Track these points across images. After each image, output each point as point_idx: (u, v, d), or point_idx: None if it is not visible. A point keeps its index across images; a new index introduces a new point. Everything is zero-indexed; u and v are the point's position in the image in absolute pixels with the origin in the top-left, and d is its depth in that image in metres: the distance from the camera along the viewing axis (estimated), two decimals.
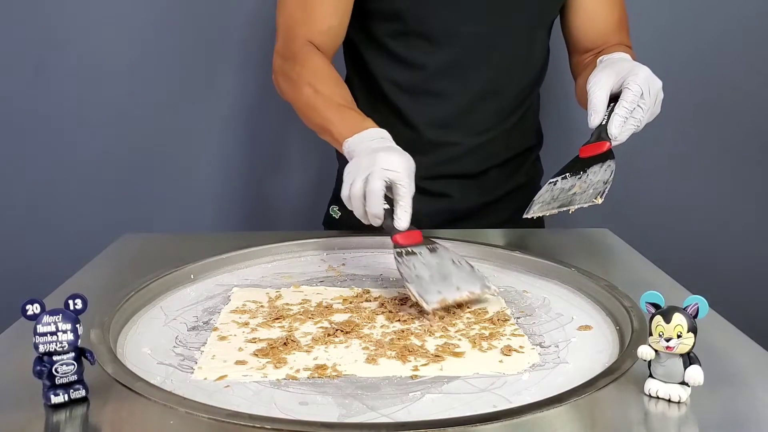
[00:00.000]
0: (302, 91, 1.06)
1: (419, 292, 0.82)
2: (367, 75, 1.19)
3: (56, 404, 0.59)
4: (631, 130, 0.96)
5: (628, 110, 0.94)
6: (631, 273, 0.95)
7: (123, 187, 1.66)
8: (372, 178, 0.87)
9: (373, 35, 1.16)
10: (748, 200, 1.70)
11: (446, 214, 1.20)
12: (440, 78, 1.14)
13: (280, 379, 0.67)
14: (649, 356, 0.61)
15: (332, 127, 1.01)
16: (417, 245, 0.88)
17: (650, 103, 0.96)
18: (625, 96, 0.94)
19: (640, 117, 0.95)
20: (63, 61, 1.59)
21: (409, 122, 1.17)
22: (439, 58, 1.13)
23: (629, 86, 0.94)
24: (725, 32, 1.63)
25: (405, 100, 1.16)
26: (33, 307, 0.58)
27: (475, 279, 0.87)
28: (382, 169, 0.87)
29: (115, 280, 0.89)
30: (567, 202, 0.92)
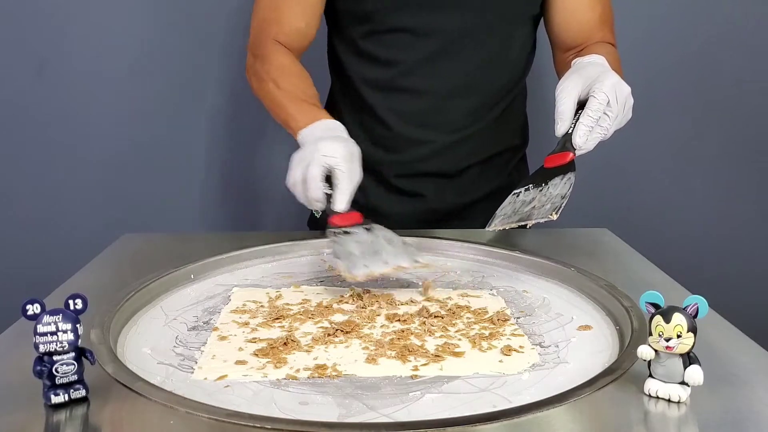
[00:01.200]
0: (267, 87, 1.10)
1: (347, 266, 0.86)
2: (343, 74, 1.20)
3: (56, 404, 0.59)
4: (597, 138, 0.94)
5: (593, 119, 0.92)
6: (631, 273, 0.95)
7: (123, 187, 1.66)
8: (311, 164, 0.92)
9: (346, 35, 1.17)
10: (748, 200, 1.70)
11: (421, 214, 1.20)
12: (412, 75, 1.14)
13: (280, 379, 0.67)
14: (649, 356, 0.61)
15: (290, 120, 1.05)
16: (353, 226, 0.92)
17: (618, 111, 0.94)
18: (591, 105, 0.92)
19: (607, 125, 0.93)
20: (63, 62, 1.59)
21: (383, 120, 1.17)
22: (410, 55, 1.13)
23: (595, 94, 0.92)
24: (725, 32, 1.63)
25: (378, 98, 1.16)
26: (33, 307, 0.58)
27: (405, 254, 0.90)
28: (321, 155, 0.92)
29: (115, 280, 0.89)
30: (525, 217, 0.90)
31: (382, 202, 1.20)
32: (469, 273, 0.98)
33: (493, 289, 0.91)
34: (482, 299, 0.88)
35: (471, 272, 0.98)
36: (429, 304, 0.86)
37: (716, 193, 1.70)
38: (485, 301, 0.88)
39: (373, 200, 1.20)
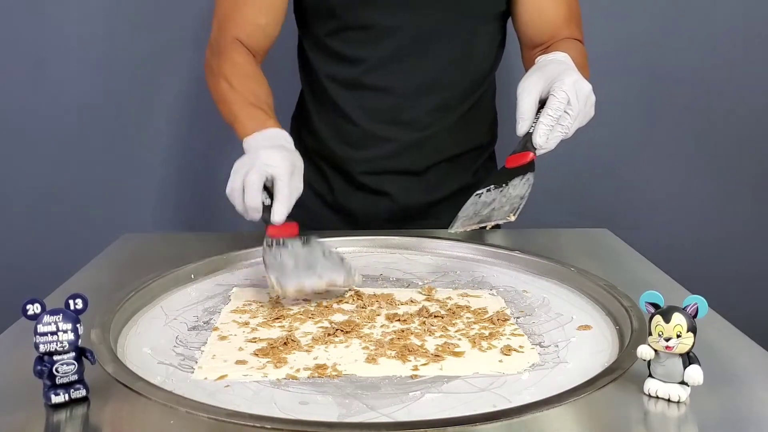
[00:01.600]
0: (219, 85, 1.08)
1: (278, 278, 0.84)
2: (311, 72, 1.19)
3: (56, 404, 0.59)
4: (558, 137, 0.92)
5: (553, 118, 0.91)
6: (631, 273, 0.95)
7: (122, 187, 1.66)
8: (251, 172, 0.89)
9: (312, 32, 1.16)
10: (748, 200, 1.71)
11: (387, 212, 1.19)
12: (377, 72, 1.14)
13: (280, 378, 0.67)
14: (649, 356, 0.61)
15: (237, 124, 1.02)
16: (290, 238, 0.90)
17: (579, 109, 0.92)
18: (550, 104, 0.91)
19: (568, 124, 0.92)
20: (63, 60, 1.59)
21: (349, 117, 1.16)
22: (375, 52, 1.13)
23: (554, 93, 0.91)
24: (724, 33, 1.63)
25: (345, 96, 1.16)
26: (33, 307, 0.58)
27: (341, 269, 0.88)
28: (262, 164, 0.90)
29: (115, 280, 0.89)
30: (486, 218, 0.89)
31: (348, 200, 1.20)
32: (469, 273, 0.98)
33: (493, 289, 0.91)
34: (482, 299, 0.88)
35: (471, 272, 0.98)
36: (429, 304, 0.86)
37: (716, 193, 1.70)
38: (485, 301, 0.88)
39: (340, 198, 1.20)
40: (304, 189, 1.23)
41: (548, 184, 1.69)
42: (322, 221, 1.22)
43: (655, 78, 1.65)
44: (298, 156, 0.95)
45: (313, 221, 1.22)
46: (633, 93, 1.66)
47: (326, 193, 1.22)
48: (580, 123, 0.94)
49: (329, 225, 1.21)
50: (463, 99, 1.18)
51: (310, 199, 1.23)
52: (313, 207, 1.23)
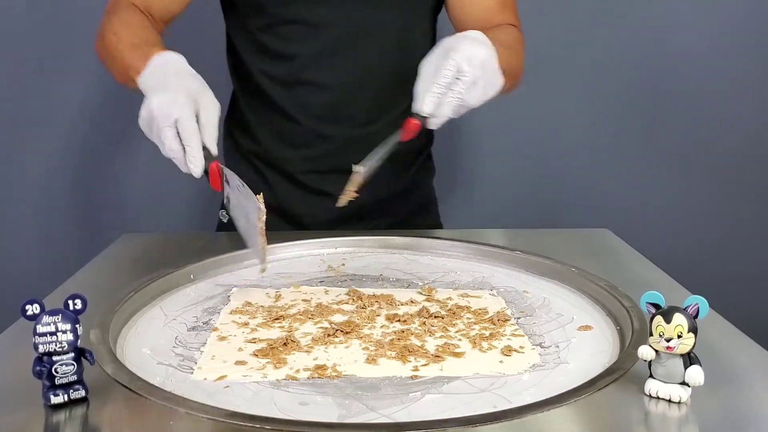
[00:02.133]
0: (106, 40, 1.04)
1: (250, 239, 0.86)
2: (245, 72, 1.17)
3: (56, 404, 0.59)
4: (451, 104, 0.88)
5: (440, 86, 0.87)
6: (631, 273, 0.95)
7: (123, 187, 1.66)
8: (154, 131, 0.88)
9: (242, 26, 1.15)
10: (748, 200, 1.70)
11: (328, 213, 1.16)
12: (311, 69, 1.12)
13: (280, 379, 0.67)
14: (650, 356, 0.61)
15: (130, 70, 0.97)
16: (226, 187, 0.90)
17: (474, 75, 0.88)
18: (438, 73, 0.88)
19: (460, 89, 0.88)
20: (64, 60, 1.59)
21: (289, 115, 1.15)
22: (308, 48, 1.11)
23: (444, 62, 0.88)
24: (723, 32, 1.63)
25: (282, 93, 1.15)
26: (33, 307, 0.58)
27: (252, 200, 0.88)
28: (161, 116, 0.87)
29: (115, 280, 0.89)
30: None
31: (289, 201, 1.19)
32: (469, 273, 0.98)
33: (494, 290, 0.91)
34: (482, 299, 0.88)
35: (471, 272, 0.98)
36: (429, 305, 0.85)
37: (716, 193, 1.70)
38: (485, 301, 0.88)
39: (281, 198, 1.18)
40: None
41: (548, 184, 1.70)
42: (266, 225, 1.20)
43: (656, 78, 1.65)
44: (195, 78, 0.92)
45: None
46: (633, 93, 1.66)
47: (268, 196, 1.20)
48: (484, 91, 0.91)
49: (273, 228, 1.18)
50: (399, 95, 1.13)
51: None
52: None
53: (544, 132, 1.68)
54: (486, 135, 1.68)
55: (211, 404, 0.60)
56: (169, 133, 0.87)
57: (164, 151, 0.89)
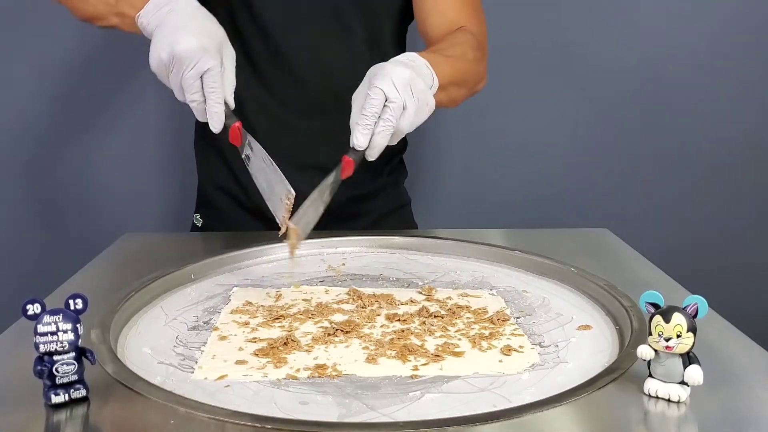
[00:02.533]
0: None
1: (274, 208, 0.85)
2: None
3: (57, 404, 0.59)
4: (386, 133, 0.86)
5: (368, 117, 0.85)
6: (631, 273, 0.95)
7: (123, 187, 1.66)
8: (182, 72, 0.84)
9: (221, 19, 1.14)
10: (748, 200, 1.70)
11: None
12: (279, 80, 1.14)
13: (281, 378, 0.67)
14: (649, 356, 0.61)
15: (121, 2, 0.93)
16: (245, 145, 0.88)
17: (402, 99, 0.85)
18: (365, 104, 0.86)
19: (390, 117, 0.85)
20: (63, 60, 1.59)
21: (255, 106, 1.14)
22: (276, 69, 1.12)
23: (369, 92, 0.86)
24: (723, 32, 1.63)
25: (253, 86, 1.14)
26: (33, 307, 0.58)
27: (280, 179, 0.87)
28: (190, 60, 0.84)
29: (115, 280, 0.89)
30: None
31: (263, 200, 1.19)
32: (469, 273, 0.98)
33: (493, 289, 0.91)
34: (482, 299, 0.88)
35: (471, 272, 0.98)
36: (429, 304, 0.86)
37: (716, 193, 1.70)
38: (485, 300, 0.88)
39: (256, 198, 1.17)
40: (217, 194, 1.19)
41: (548, 184, 1.69)
42: (238, 225, 1.20)
43: (656, 78, 1.65)
44: (212, 20, 0.89)
45: (228, 226, 1.20)
46: (633, 93, 1.66)
47: (240, 193, 1.20)
48: (416, 115, 0.88)
49: (246, 228, 1.19)
50: None
51: (222, 201, 1.22)
52: (227, 209, 1.21)
53: (544, 132, 1.68)
54: (486, 135, 1.68)
55: (211, 404, 0.60)
56: (195, 83, 0.85)
57: (182, 98, 0.87)
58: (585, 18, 1.63)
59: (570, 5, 1.62)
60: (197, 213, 1.26)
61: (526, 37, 1.63)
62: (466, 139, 1.68)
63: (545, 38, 1.63)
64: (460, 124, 1.65)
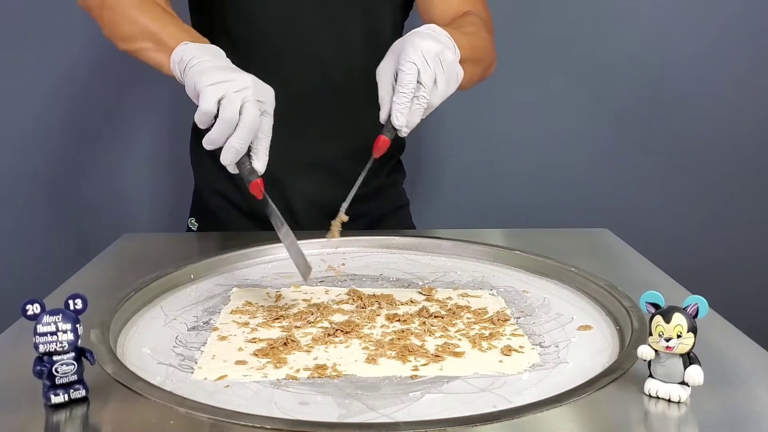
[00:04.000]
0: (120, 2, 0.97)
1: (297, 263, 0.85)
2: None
3: (56, 404, 0.59)
4: (419, 111, 0.87)
5: (406, 95, 0.85)
6: (631, 273, 0.95)
7: (122, 187, 1.66)
8: (246, 104, 0.81)
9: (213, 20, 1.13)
10: (749, 200, 1.71)
11: (305, 211, 1.17)
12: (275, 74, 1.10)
13: (280, 379, 0.67)
14: (649, 356, 0.61)
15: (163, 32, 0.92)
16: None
17: (433, 74, 0.86)
18: (401, 80, 0.85)
19: (424, 94, 0.86)
20: (63, 59, 1.59)
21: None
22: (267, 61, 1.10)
23: (402, 67, 0.85)
24: (723, 32, 1.63)
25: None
26: (33, 307, 0.58)
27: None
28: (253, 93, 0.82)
29: (115, 280, 0.89)
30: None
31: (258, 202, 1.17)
32: (469, 273, 0.98)
33: (493, 289, 0.91)
34: (482, 299, 0.88)
35: (471, 272, 0.98)
36: (429, 304, 0.85)
37: (717, 193, 1.70)
38: (485, 301, 0.88)
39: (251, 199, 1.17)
40: (213, 197, 1.18)
41: (549, 184, 1.70)
42: (234, 228, 1.19)
43: (656, 78, 1.65)
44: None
45: (223, 229, 1.19)
46: (633, 92, 1.66)
47: (236, 197, 1.19)
48: (445, 88, 0.89)
49: (243, 229, 1.18)
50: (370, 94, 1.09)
51: (218, 204, 1.20)
52: (223, 213, 1.20)
53: (544, 132, 1.68)
54: (485, 135, 1.68)
55: (211, 404, 0.60)
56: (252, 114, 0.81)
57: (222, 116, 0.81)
58: (586, 17, 1.63)
59: (570, 4, 1.62)
60: (192, 217, 1.26)
61: (526, 36, 1.63)
62: (465, 139, 1.68)
63: (545, 38, 1.63)
64: (460, 124, 1.65)
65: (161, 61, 0.92)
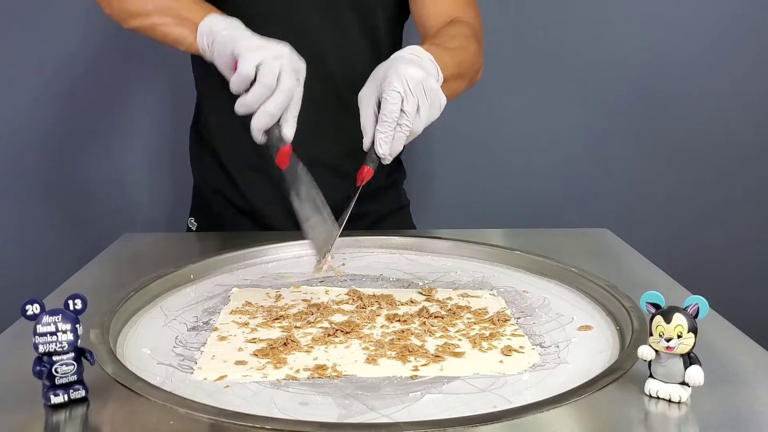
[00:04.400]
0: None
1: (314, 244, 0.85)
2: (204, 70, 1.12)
3: (56, 404, 0.59)
4: (402, 139, 0.86)
5: (389, 124, 0.85)
6: (631, 273, 0.95)
7: (123, 187, 1.66)
8: (284, 70, 0.81)
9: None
10: (748, 200, 1.71)
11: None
12: None
13: (280, 379, 0.67)
14: (650, 356, 0.61)
15: (181, 8, 0.92)
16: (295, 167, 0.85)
17: (415, 103, 0.85)
18: (384, 110, 0.84)
19: (407, 122, 0.85)
20: (62, 60, 1.59)
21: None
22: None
23: (386, 96, 0.84)
24: (723, 32, 1.63)
25: None
26: (33, 307, 0.58)
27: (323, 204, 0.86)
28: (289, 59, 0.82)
29: (115, 280, 0.89)
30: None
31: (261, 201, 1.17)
32: (469, 273, 0.98)
33: (494, 290, 0.91)
34: (482, 299, 0.88)
35: (471, 272, 0.98)
36: (429, 305, 0.85)
37: (717, 192, 1.70)
38: (485, 301, 0.88)
39: (252, 199, 1.17)
40: (212, 197, 1.17)
41: (549, 184, 1.70)
42: (234, 228, 1.19)
43: (656, 78, 1.65)
44: None
45: (223, 229, 1.18)
46: (634, 92, 1.66)
47: (236, 197, 1.18)
48: (427, 116, 0.88)
49: (243, 229, 1.18)
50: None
51: (218, 204, 1.20)
52: (223, 213, 1.20)
53: (544, 132, 1.68)
54: (485, 135, 1.68)
55: (211, 404, 0.60)
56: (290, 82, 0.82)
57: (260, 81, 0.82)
58: (587, 17, 1.63)
59: (570, 4, 1.62)
60: (191, 217, 1.26)
61: (526, 34, 1.63)
62: (464, 139, 1.68)
63: (545, 37, 1.63)
64: (459, 124, 1.65)
65: (181, 35, 0.92)
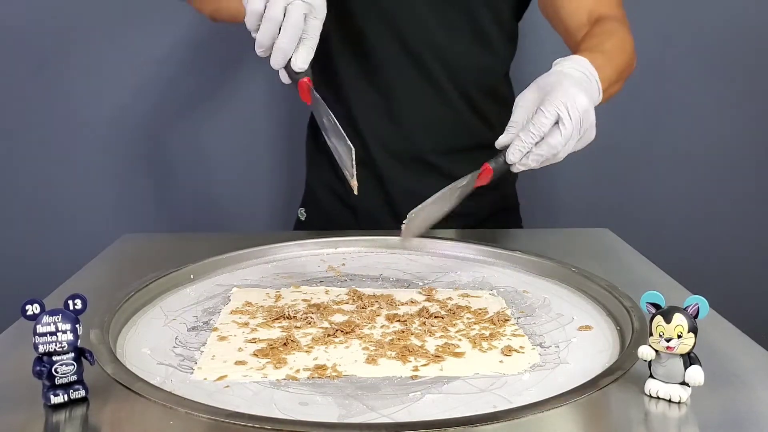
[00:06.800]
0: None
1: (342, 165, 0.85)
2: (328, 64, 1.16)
3: (56, 404, 0.59)
4: (541, 157, 0.84)
5: (534, 135, 0.82)
6: (631, 273, 0.95)
7: (123, 187, 1.66)
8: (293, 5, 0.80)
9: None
10: (749, 200, 1.70)
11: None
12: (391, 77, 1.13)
13: (280, 379, 0.67)
14: (650, 356, 0.61)
15: None
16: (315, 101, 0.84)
17: (572, 129, 0.83)
18: (535, 119, 0.82)
19: (556, 144, 0.83)
20: (64, 60, 1.59)
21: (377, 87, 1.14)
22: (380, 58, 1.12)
23: (543, 108, 0.82)
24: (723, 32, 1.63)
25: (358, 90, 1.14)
26: (33, 307, 0.58)
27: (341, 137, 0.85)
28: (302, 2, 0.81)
29: (115, 280, 0.89)
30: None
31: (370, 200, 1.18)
32: (469, 273, 0.98)
33: (494, 290, 0.91)
34: (483, 299, 0.88)
35: (471, 272, 0.98)
36: (429, 305, 0.85)
37: (717, 192, 1.70)
38: (485, 301, 0.88)
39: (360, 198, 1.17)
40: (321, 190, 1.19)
41: (548, 184, 1.69)
42: (338, 220, 1.21)
43: (657, 78, 1.65)
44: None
45: (328, 221, 1.21)
46: (633, 92, 1.66)
47: (342, 193, 1.21)
48: (576, 145, 0.86)
49: (344, 224, 1.20)
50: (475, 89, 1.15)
51: (326, 198, 1.24)
52: (329, 206, 1.23)
53: None
54: None
55: (211, 404, 0.60)
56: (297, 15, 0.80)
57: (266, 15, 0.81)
58: None
59: None
60: (302, 207, 1.29)
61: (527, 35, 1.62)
62: None
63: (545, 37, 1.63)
64: None
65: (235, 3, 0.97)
